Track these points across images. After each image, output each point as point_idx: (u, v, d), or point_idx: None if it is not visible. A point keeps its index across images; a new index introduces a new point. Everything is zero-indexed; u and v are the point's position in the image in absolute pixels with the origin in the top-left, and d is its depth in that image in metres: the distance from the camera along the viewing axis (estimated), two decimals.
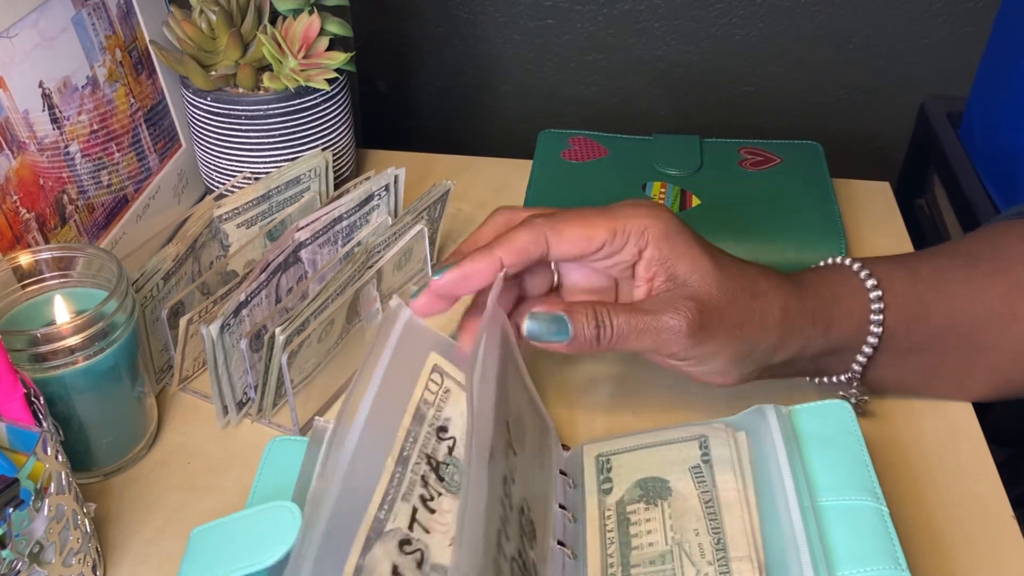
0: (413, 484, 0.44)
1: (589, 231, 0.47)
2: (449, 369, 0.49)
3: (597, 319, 0.47)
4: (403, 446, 0.44)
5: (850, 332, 0.51)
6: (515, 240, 0.47)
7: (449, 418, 0.47)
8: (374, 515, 0.41)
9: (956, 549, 0.49)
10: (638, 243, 0.48)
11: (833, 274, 0.52)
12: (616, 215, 0.48)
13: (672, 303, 0.47)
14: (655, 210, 0.48)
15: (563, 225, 0.48)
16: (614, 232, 0.48)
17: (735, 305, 0.48)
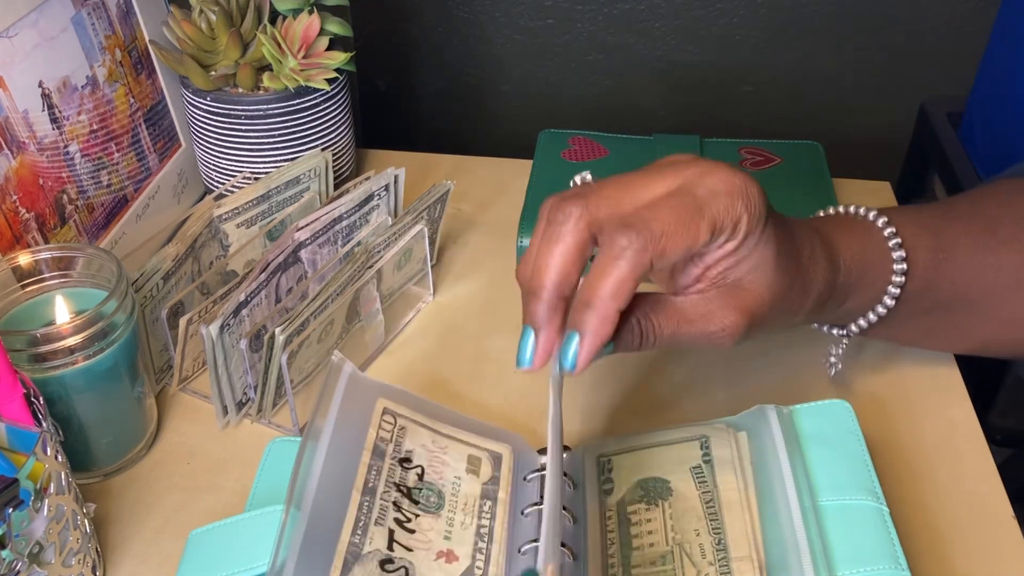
0: (385, 510, 0.45)
1: (691, 240, 0.41)
2: (400, 410, 0.50)
3: (643, 338, 0.44)
4: (367, 478, 0.46)
5: (866, 301, 0.51)
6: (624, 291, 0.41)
7: (411, 450, 0.49)
8: (348, 540, 0.43)
9: (956, 549, 0.49)
10: (727, 237, 0.43)
11: (866, 241, 0.50)
12: (714, 207, 0.42)
13: (722, 313, 0.44)
14: (749, 200, 0.42)
15: (667, 243, 0.41)
16: (713, 233, 0.42)
17: (782, 302, 0.45)
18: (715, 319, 0.44)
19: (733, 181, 0.42)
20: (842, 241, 0.49)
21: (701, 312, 0.44)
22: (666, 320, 0.44)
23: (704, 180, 0.42)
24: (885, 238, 0.50)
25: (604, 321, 0.41)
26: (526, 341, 0.44)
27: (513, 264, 0.70)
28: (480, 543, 0.46)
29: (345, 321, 0.58)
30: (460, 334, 0.64)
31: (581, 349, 0.41)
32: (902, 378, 0.59)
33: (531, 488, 0.49)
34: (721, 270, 0.44)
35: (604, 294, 0.41)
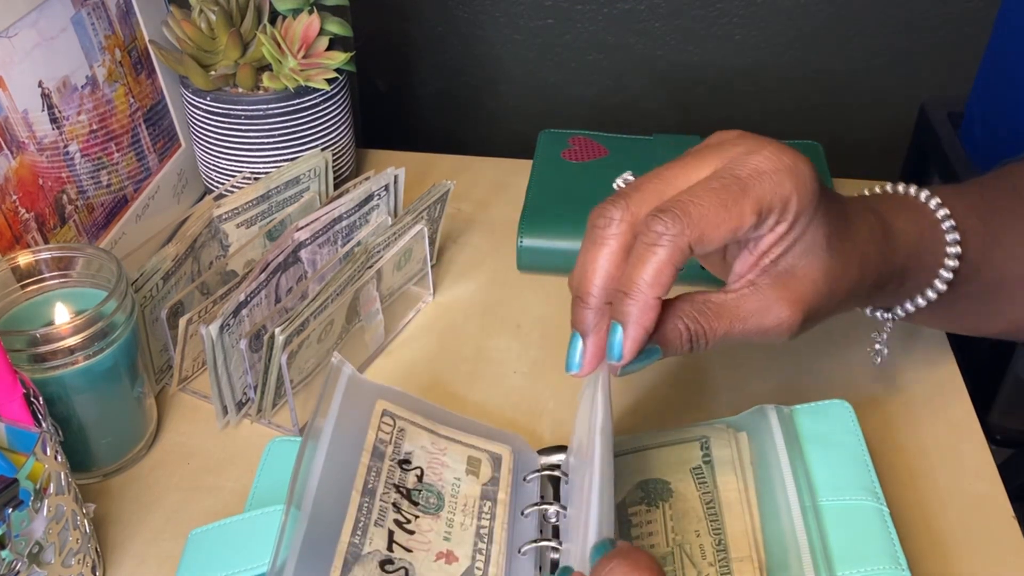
0: (384, 511, 0.45)
1: (735, 223, 0.40)
2: (399, 412, 0.50)
3: (693, 341, 0.42)
4: (366, 479, 0.46)
5: (918, 284, 0.49)
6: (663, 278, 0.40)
7: (411, 451, 0.49)
8: (348, 541, 0.43)
9: (956, 549, 0.49)
10: (777, 218, 0.41)
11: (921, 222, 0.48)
12: (760, 190, 0.40)
13: (777, 306, 0.42)
14: (799, 178, 0.41)
15: (707, 227, 0.39)
16: (760, 216, 0.40)
17: (838, 288, 0.43)
18: (770, 313, 0.42)
19: (781, 159, 0.41)
20: (898, 221, 0.47)
21: (754, 308, 0.42)
22: (717, 321, 0.42)
23: (749, 159, 0.41)
24: (939, 220, 0.48)
25: (644, 309, 0.40)
26: (575, 347, 0.43)
27: (513, 264, 0.70)
28: (480, 544, 0.46)
29: (345, 321, 0.58)
30: (460, 334, 0.64)
31: (625, 339, 0.40)
32: (902, 378, 0.59)
33: (531, 489, 0.49)
34: (774, 256, 0.42)
35: (642, 282, 0.40)
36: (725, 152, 0.41)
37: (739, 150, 0.41)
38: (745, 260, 0.43)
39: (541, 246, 0.68)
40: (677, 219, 0.39)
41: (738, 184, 0.40)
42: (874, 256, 0.45)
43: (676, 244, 0.39)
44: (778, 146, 0.41)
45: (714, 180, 0.40)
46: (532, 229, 0.68)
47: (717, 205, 0.39)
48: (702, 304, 0.42)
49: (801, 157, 0.41)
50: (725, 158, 0.41)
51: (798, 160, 0.41)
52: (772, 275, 0.42)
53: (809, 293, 0.42)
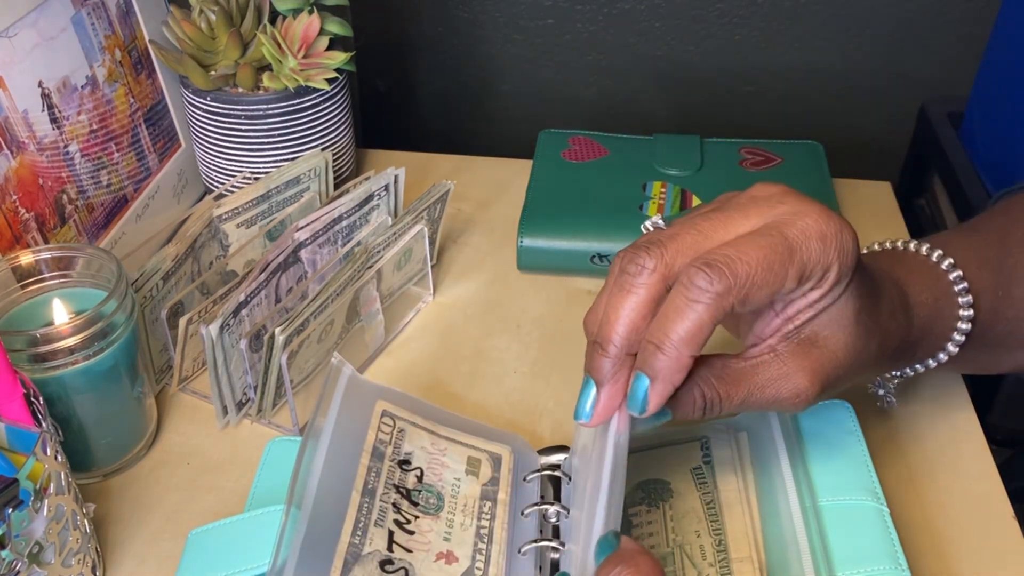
0: (384, 511, 0.45)
1: (777, 285, 0.38)
2: (399, 412, 0.50)
3: (706, 407, 0.41)
4: (366, 480, 0.46)
5: (930, 349, 0.48)
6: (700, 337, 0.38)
7: (410, 452, 0.49)
8: (348, 541, 0.43)
9: (956, 549, 0.49)
10: (814, 285, 0.40)
11: (935, 288, 0.47)
12: (804, 255, 0.39)
13: (795, 376, 0.41)
14: (843, 247, 0.39)
15: (752, 288, 0.38)
16: (800, 281, 0.39)
17: (857, 362, 0.42)
18: (788, 383, 0.41)
19: (829, 225, 0.39)
20: (915, 291, 0.46)
21: (772, 376, 0.41)
22: (735, 388, 0.41)
23: (797, 221, 0.39)
24: (951, 282, 0.47)
25: (677, 368, 0.38)
26: (587, 394, 0.41)
27: (513, 264, 0.70)
28: (480, 544, 0.46)
29: (345, 321, 0.58)
30: (460, 334, 0.64)
31: (651, 393, 0.39)
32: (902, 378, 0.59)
33: (531, 489, 0.49)
34: (800, 323, 0.41)
35: (678, 339, 0.38)
36: (770, 208, 0.40)
37: (786, 208, 0.39)
38: (770, 322, 0.41)
39: (541, 246, 0.68)
40: (724, 276, 0.37)
41: (786, 246, 0.38)
42: (894, 331, 0.44)
43: (719, 303, 0.37)
44: (825, 210, 0.40)
45: (762, 238, 0.38)
46: (532, 229, 0.68)
47: (764, 266, 0.38)
48: (720, 370, 0.41)
49: (846, 225, 0.40)
50: (770, 215, 0.40)
51: (844, 228, 0.39)
52: (795, 342, 0.41)
53: (829, 364, 0.41)
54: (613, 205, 0.69)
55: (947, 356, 0.48)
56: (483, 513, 0.47)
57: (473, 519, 0.47)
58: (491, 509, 0.47)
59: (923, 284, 0.46)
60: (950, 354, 0.48)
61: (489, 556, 0.45)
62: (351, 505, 0.44)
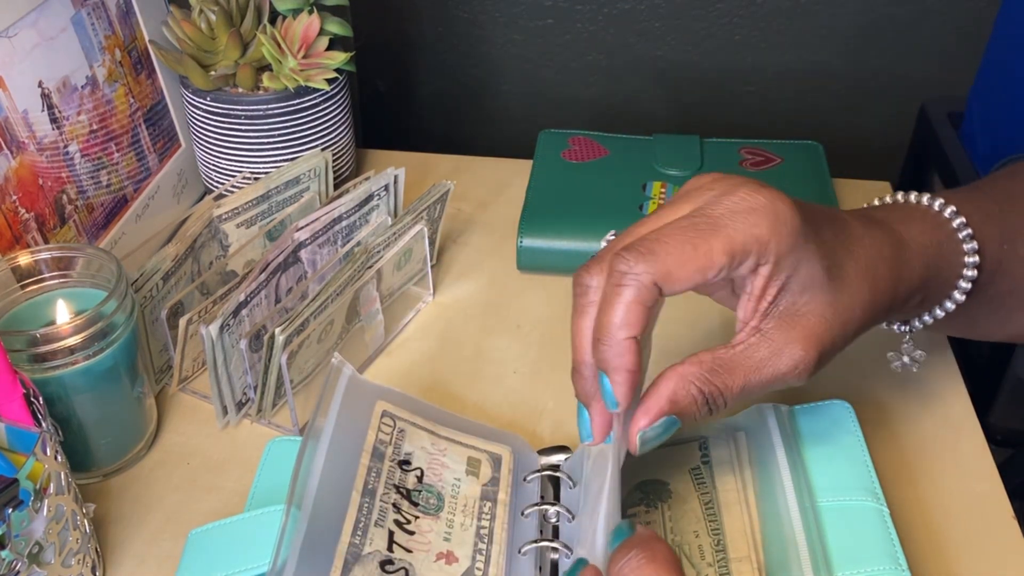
0: (384, 512, 0.45)
1: (702, 262, 0.39)
2: (399, 413, 0.50)
3: (710, 404, 0.41)
4: (366, 480, 0.46)
5: (937, 296, 0.47)
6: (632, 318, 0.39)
7: (411, 452, 0.49)
8: (348, 541, 0.43)
9: (956, 549, 0.49)
10: (757, 260, 0.40)
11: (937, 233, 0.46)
12: (732, 230, 0.39)
13: (788, 349, 0.41)
14: (776, 217, 0.39)
15: (672, 265, 0.39)
16: (732, 257, 0.39)
17: (851, 317, 0.42)
18: (783, 357, 0.41)
19: (756, 198, 0.40)
20: (912, 233, 0.45)
21: (766, 355, 0.41)
22: (731, 377, 0.41)
23: (723, 200, 0.40)
24: (956, 229, 0.46)
25: (621, 352, 0.39)
26: (582, 418, 0.43)
27: (513, 264, 0.70)
28: (480, 544, 0.46)
29: (345, 321, 0.58)
30: (460, 334, 0.64)
31: (613, 385, 0.40)
32: (902, 378, 0.59)
33: (531, 489, 0.49)
34: (771, 299, 0.41)
35: (611, 326, 0.39)
36: (701, 196, 0.41)
37: (714, 193, 0.41)
38: (745, 306, 0.42)
39: (541, 246, 0.68)
40: (641, 256, 0.39)
41: (708, 223, 0.39)
42: (885, 273, 0.43)
43: (641, 282, 0.39)
44: (755, 186, 0.40)
45: (683, 220, 0.40)
46: (532, 229, 0.68)
47: (683, 243, 0.39)
48: (711, 363, 0.41)
49: (779, 196, 0.40)
50: (701, 199, 0.41)
51: (775, 199, 0.40)
52: (776, 318, 0.41)
53: (819, 328, 0.41)
54: (613, 205, 0.69)
55: (954, 304, 0.47)
56: (483, 513, 0.47)
57: (473, 519, 0.47)
58: (491, 509, 0.47)
59: (922, 227, 0.46)
60: (957, 302, 0.47)
61: (489, 556, 0.45)
62: (351, 505, 0.44)
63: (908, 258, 0.44)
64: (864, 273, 0.42)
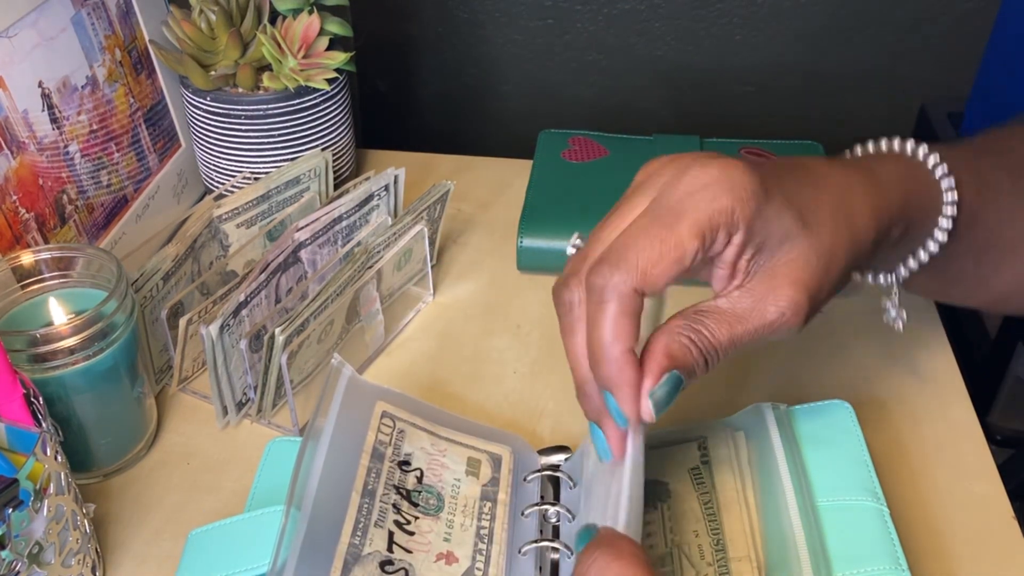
0: (384, 512, 0.45)
1: (678, 255, 0.38)
2: (399, 413, 0.50)
3: (705, 355, 0.40)
4: (366, 480, 0.46)
5: (918, 239, 0.46)
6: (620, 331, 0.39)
7: (410, 453, 0.49)
8: (348, 541, 0.43)
9: (956, 549, 0.49)
10: (728, 232, 0.39)
11: (914, 172, 0.45)
12: (694, 212, 0.38)
13: (773, 296, 0.40)
14: (733, 184, 0.39)
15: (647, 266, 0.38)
16: (703, 238, 0.38)
17: (833, 259, 0.41)
18: (768, 306, 0.40)
19: (708, 172, 0.39)
20: (886, 170, 0.45)
21: (749, 305, 0.40)
22: (717, 327, 0.40)
23: (678, 184, 0.39)
24: (932, 168, 0.46)
25: (619, 368, 0.39)
26: (597, 437, 0.41)
27: (513, 264, 0.70)
28: (480, 544, 0.46)
29: (345, 321, 0.58)
30: (460, 334, 0.64)
31: (619, 402, 0.39)
32: (902, 379, 0.59)
33: (531, 489, 0.49)
34: (747, 261, 0.40)
35: (603, 343, 0.39)
36: (654, 185, 0.40)
37: (667, 177, 0.40)
38: (720, 276, 0.41)
39: (541, 246, 0.68)
40: (614, 267, 0.38)
41: (669, 212, 0.38)
42: (860, 206, 0.42)
43: (621, 292, 0.38)
44: (704, 159, 0.39)
45: (645, 216, 0.39)
46: (532, 229, 0.68)
47: (651, 240, 0.38)
48: (694, 315, 0.41)
49: (730, 162, 0.39)
50: (656, 188, 0.40)
51: (727, 166, 0.39)
52: (756, 274, 0.40)
53: (803, 273, 0.40)
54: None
55: (937, 246, 0.46)
56: (483, 513, 0.47)
57: (473, 519, 0.47)
58: (491, 509, 0.47)
59: (896, 167, 0.45)
60: (940, 243, 0.46)
61: (489, 556, 0.45)
62: (351, 506, 0.44)
63: (882, 189, 0.43)
64: (837, 209, 0.41)
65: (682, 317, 0.40)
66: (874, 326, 0.63)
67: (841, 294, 0.44)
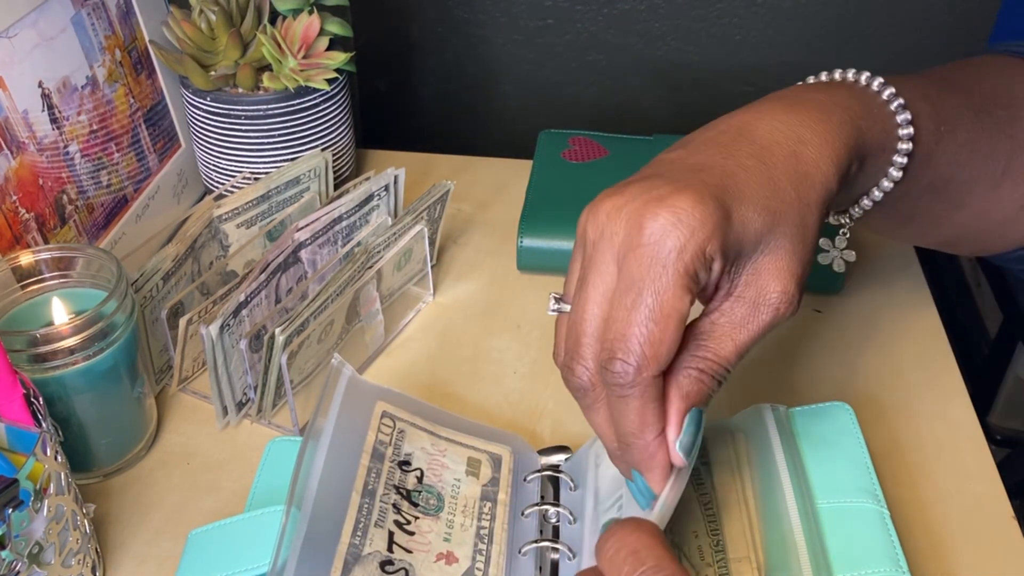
0: (385, 512, 0.45)
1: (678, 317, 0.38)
2: (399, 413, 0.50)
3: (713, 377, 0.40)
4: (366, 480, 0.46)
5: (872, 176, 0.45)
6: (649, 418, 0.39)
7: (410, 453, 0.49)
8: (348, 542, 0.43)
9: (957, 550, 0.49)
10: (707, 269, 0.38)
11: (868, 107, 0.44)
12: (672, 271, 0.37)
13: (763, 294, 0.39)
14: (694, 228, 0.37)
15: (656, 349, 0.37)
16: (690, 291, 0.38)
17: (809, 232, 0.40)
18: (761, 306, 0.39)
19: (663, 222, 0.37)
20: (837, 99, 0.43)
21: (745, 310, 0.40)
22: (721, 345, 0.39)
23: (639, 246, 0.37)
24: (886, 101, 0.45)
25: (651, 453, 0.39)
26: (638, 487, 0.41)
27: (513, 264, 0.70)
28: (480, 544, 0.46)
29: (345, 321, 0.58)
30: (460, 334, 0.64)
31: (649, 482, 0.40)
32: (902, 379, 0.59)
33: (531, 489, 0.49)
34: (729, 275, 0.40)
35: (633, 435, 0.39)
36: (612, 244, 0.39)
37: (622, 237, 0.38)
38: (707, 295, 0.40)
39: (541, 246, 0.68)
40: (625, 362, 0.37)
41: (648, 283, 0.37)
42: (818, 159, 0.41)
43: (641, 384, 0.37)
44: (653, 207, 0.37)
45: (628, 294, 0.38)
46: (532, 229, 0.68)
47: (646, 320, 0.37)
48: (694, 343, 0.40)
49: (679, 200, 0.37)
50: (619, 253, 0.38)
51: (677, 208, 0.37)
52: (741, 279, 0.40)
53: (785, 261, 0.40)
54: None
55: (892, 183, 0.45)
56: (483, 514, 0.47)
57: (473, 520, 0.47)
58: (491, 510, 0.47)
59: (849, 94, 0.44)
60: (895, 180, 0.45)
61: (489, 557, 0.45)
62: (351, 506, 0.44)
63: (834, 127, 0.42)
64: (796, 177, 0.40)
65: (684, 350, 0.39)
66: (874, 327, 0.63)
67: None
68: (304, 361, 0.55)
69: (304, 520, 0.42)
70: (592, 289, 0.40)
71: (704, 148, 0.42)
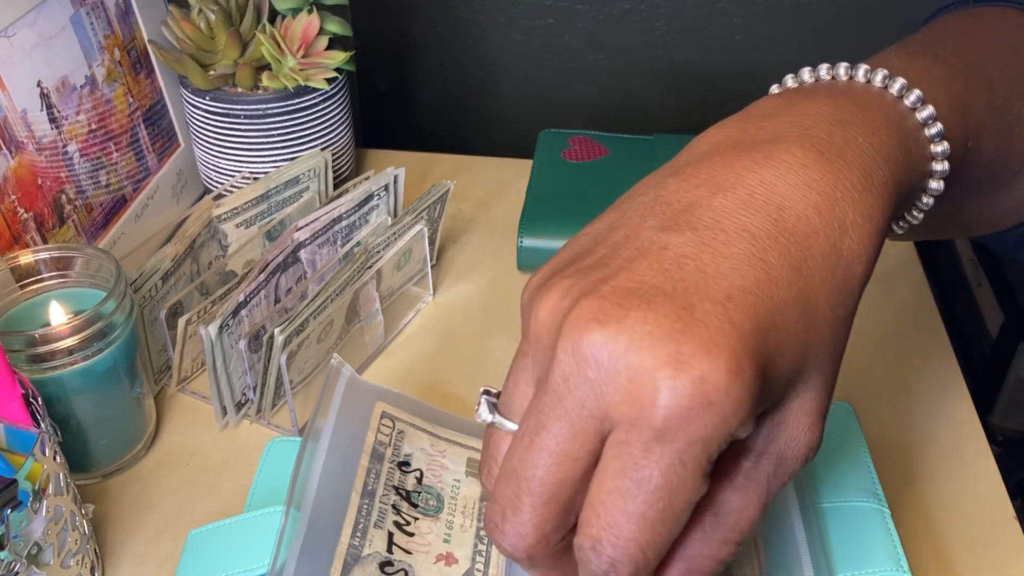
0: (384, 513, 0.45)
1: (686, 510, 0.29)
2: (398, 414, 0.50)
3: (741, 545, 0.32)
4: (366, 481, 0.46)
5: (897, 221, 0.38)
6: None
7: (410, 453, 0.49)
8: (347, 542, 0.43)
9: (958, 550, 0.49)
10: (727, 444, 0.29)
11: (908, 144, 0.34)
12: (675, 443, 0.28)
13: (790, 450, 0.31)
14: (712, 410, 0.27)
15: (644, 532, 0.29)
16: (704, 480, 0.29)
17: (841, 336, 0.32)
18: (788, 457, 0.32)
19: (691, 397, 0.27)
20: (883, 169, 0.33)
21: (769, 467, 0.31)
22: (741, 515, 0.31)
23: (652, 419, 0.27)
24: (920, 125, 0.35)
25: None
26: None
27: (513, 264, 0.70)
28: (480, 545, 0.45)
29: (345, 321, 0.58)
30: (460, 334, 0.64)
31: None
32: (902, 379, 0.59)
33: None
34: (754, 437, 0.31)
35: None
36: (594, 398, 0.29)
37: (614, 400, 0.28)
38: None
39: (541, 246, 0.68)
40: (614, 559, 0.29)
41: (665, 481, 0.28)
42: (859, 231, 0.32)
43: (636, 566, 0.29)
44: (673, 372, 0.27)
45: (624, 481, 0.28)
46: (532, 229, 0.68)
47: (657, 524, 0.29)
48: (710, 517, 0.31)
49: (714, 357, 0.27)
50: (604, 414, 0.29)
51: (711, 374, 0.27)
52: (760, 438, 0.31)
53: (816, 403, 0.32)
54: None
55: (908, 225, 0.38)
56: (483, 514, 0.47)
57: (473, 520, 0.47)
58: None
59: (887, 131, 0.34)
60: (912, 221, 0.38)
61: (489, 558, 0.45)
62: (351, 506, 0.44)
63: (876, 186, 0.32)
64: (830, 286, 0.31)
65: (696, 525, 0.31)
66: (874, 327, 0.63)
67: None
68: (303, 361, 0.55)
69: (303, 521, 0.42)
70: (554, 443, 0.29)
71: (722, 233, 0.30)
